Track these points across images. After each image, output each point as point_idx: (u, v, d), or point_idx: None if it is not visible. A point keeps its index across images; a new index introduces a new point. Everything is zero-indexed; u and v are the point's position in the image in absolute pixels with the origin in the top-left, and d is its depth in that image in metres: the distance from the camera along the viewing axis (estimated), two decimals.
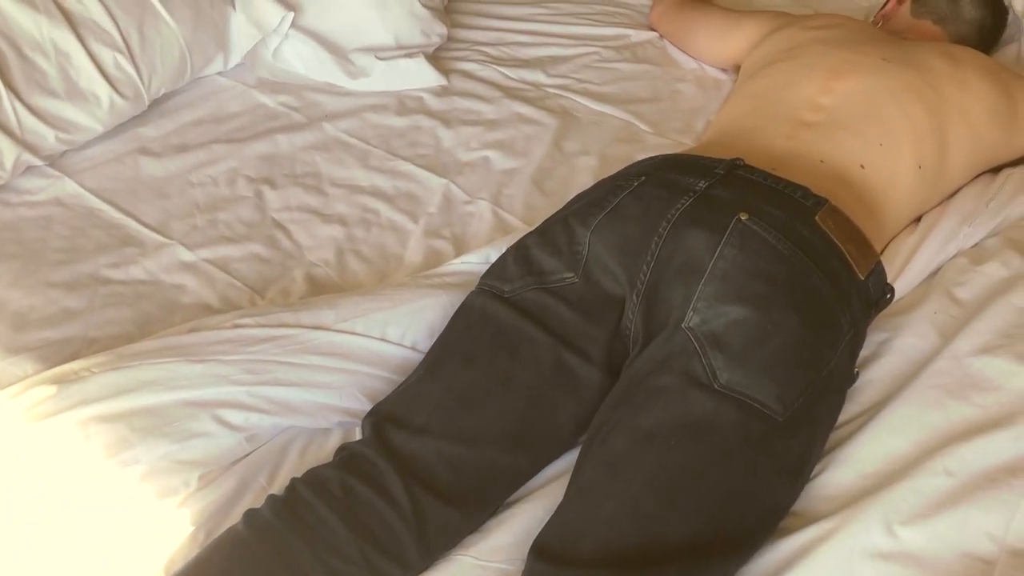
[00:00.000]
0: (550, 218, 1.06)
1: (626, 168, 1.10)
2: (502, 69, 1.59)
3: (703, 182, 1.01)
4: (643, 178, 1.03)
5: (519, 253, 1.03)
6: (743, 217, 0.96)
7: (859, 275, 0.99)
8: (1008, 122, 1.24)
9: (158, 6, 1.40)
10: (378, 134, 1.44)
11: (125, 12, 1.36)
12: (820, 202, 1.01)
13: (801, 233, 0.96)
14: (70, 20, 1.32)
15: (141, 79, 1.38)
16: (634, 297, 0.96)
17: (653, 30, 1.69)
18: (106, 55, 1.34)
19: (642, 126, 1.47)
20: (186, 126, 1.44)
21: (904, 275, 1.12)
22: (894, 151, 1.16)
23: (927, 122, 1.18)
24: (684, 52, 1.63)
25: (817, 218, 0.99)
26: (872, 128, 1.16)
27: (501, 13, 1.75)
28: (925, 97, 1.20)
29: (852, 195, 1.10)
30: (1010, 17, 1.55)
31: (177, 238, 1.24)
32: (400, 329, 1.04)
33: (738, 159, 1.05)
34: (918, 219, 1.21)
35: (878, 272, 1.02)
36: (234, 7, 1.50)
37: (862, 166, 1.14)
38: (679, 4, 1.66)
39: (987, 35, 1.48)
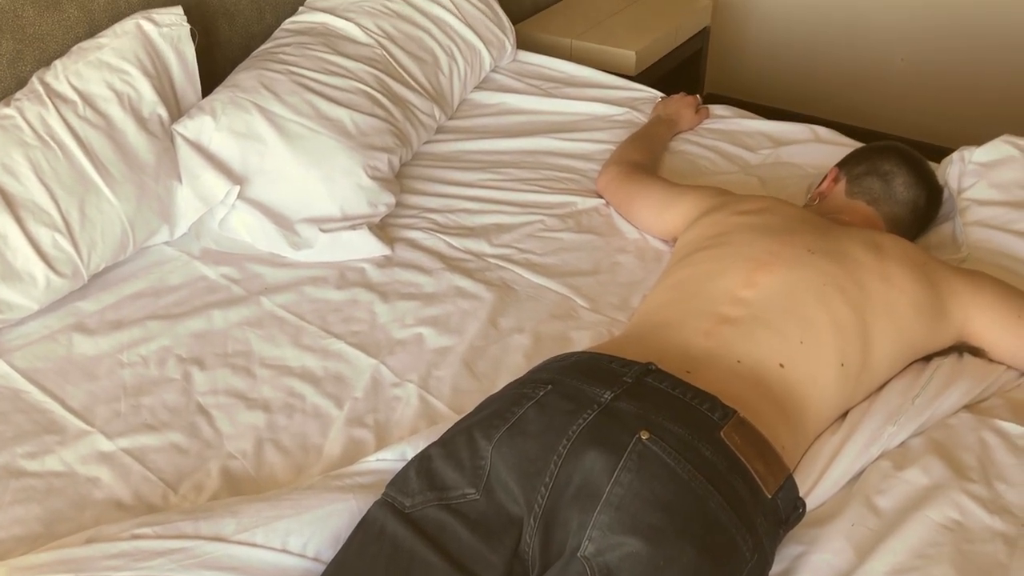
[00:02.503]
0: (455, 426, 1.05)
1: (536, 369, 1.10)
2: (447, 238, 1.60)
3: (609, 393, 1.00)
4: (549, 387, 1.03)
5: (422, 465, 1.01)
6: (643, 436, 0.95)
7: (766, 493, 0.97)
8: (933, 315, 1.24)
9: (100, 184, 1.42)
10: (315, 308, 1.45)
11: (66, 191, 1.39)
12: (728, 414, 1.00)
13: (703, 454, 0.95)
14: (9, 202, 1.35)
15: (80, 257, 1.40)
16: (532, 520, 0.94)
17: (600, 197, 1.72)
18: (44, 235, 1.36)
19: (579, 301, 1.47)
20: (125, 300, 1.45)
21: (824, 480, 1.10)
22: (815, 349, 1.15)
23: (850, 318, 1.18)
24: (627, 221, 1.65)
25: (722, 433, 0.98)
26: (793, 325, 1.16)
27: (453, 179, 1.78)
28: (848, 292, 1.20)
29: (769, 398, 1.09)
30: (945, 194, 1.57)
31: (99, 425, 1.23)
32: (303, 539, 1.02)
33: (650, 364, 1.05)
34: (844, 414, 1.19)
35: (788, 487, 1.00)
36: (180, 181, 1.53)
37: (781, 365, 1.13)
38: (624, 173, 1.68)
39: (922, 215, 1.50)
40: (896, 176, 1.47)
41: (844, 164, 1.54)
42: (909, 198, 1.47)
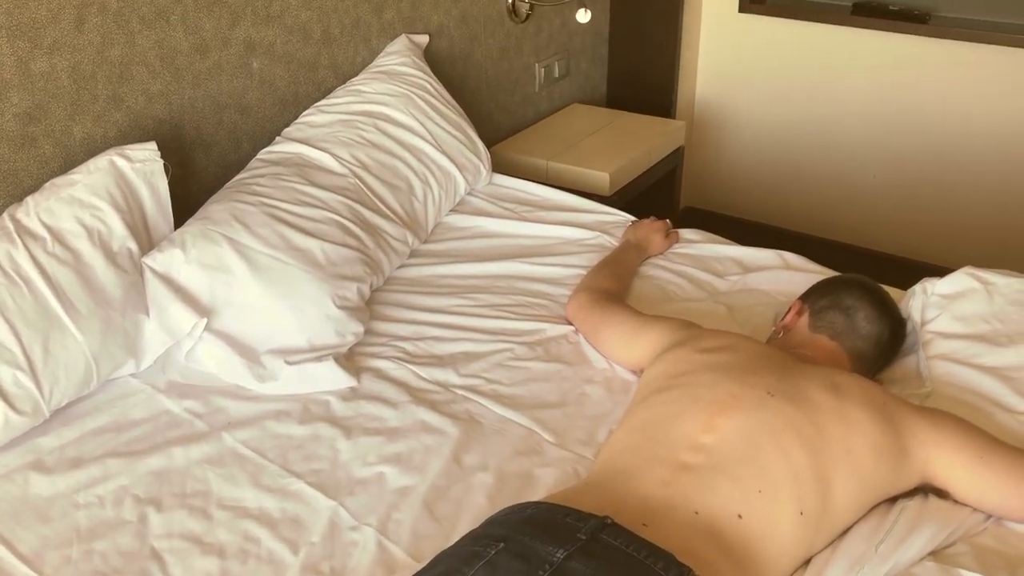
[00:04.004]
0: None
1: (491, 522, 1.08)
2: (415, 368, 1.60)
3: (562, 551, 0.98)
4: (502, 544, 1.01)
5: None
6: None
7: None
8: (895, 457, 1.23)
9: (65, 320, 1.43)
10: (276, 445, 1.43)
11: (30, 328, 1.39)
12: (683, 573, 0.98)
13: None
14: None
15: (41, 393, 1.39)
16: None
17: (569, 323, 1.73)
18: (5, 373, 1.36)
19: (545, 436, 1.46)
20: (86, 435, 1.43)
21: None
22: (773, 498, 1.14)
23: (808, 465, 1.17)
24: (596, 350, 1.65)
25: None
26: (752, 474, 1.15)
27: (424, 304, 1.79)
28: (807, 437, 1.20)
29: (726, 552, 1.07)
30: (909, 327, 1.58)
31: (48, 573, 1.20)
32: None
33: (607, 517, 1.04)
34: (808, 561, 1.17)
35: None
36: (148, 314, 1.54)
37: (739, 516, 1.12)
38: (593, 300, 1.69)
39: (885, 349, 1.51)
40: (859, 310, 1.48)
41: (808, 297, 1.56)
42: (872, 332, 1.48)
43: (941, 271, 2.90)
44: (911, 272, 2.99)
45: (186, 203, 1.80)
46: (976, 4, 2.65)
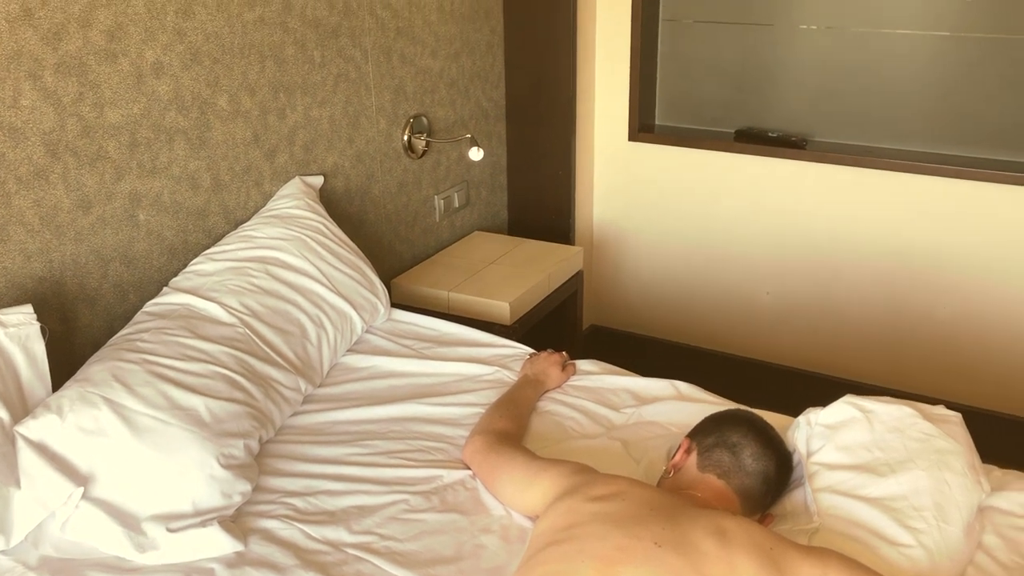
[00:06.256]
0: None
1: None
2: (305, 527, 1.55)
3: None
4: None
5: None
6: None
7: None
8: None
9: None
10: None
11: None
12: None
13: None
14: None
15: None
16: None
17: (467, 467, 1.71)
18: None
19: None
20: None
21: None
22: None
23: None
24: (492, 496, 1.63)
25: None
26: None
27: (316, 455, 1.75)
28: None
29: None
30: (795, 459, 1.62)
31: None
32: None
33: None
34: None
35: None
36: (18, 486, 1.47)
37: None
38: (488, 444, 1.69)
39: (773, 485, 1.53)
40: (744, 448, 1.51)
41: (695, 434, 1.58)
42: (759, 469, 1.50)
43: (835, 382, 2.98)
44: (808, 384, 3.08)
45: (70, 360, 1.75)
46: (849, 130, 2.82)
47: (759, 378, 3.16)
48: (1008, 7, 2.49)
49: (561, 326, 2.92)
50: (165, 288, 1.90)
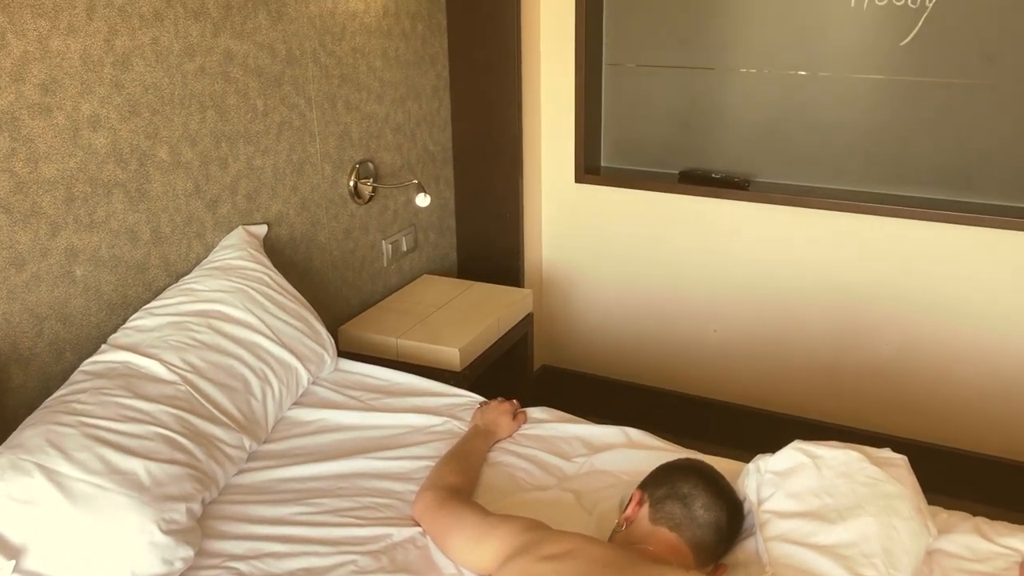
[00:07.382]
0: None
1: None
2: None
3: None
4: None
5: None
6: None
7: None
8: None
9: None
10: None
11: None
12: None
13: None
14: None
15: None
16: None
17: (417, 524, 1.68)
18: None
19: None
20: None
21: None
22: None
23: None
24: (443, 553, 1.61)
25: None
26: None
27: (262, 516, 1.70)
28: None
29: None
30: (746, 507, 1.62)
31: None
32: None
33: None
34: None
35: None
36: None
37: None
38: (438, 501, 1.66)
39: (725, 534, 1.53)
40: (695, 499, 1.51)
41: (647, 486, 1.57)
42: (710, 520, 1.50)
43: (782, 419, 3.00)
44: (756, 421, 3.10)
45: (2, 425, 1.69)
46: (791, 170, 2.87)
47: (708, 416, 3.17)
48: (939, 52, 2.57)
49: (512, 368, 2.91)
50: (104, 345, 1.85)
